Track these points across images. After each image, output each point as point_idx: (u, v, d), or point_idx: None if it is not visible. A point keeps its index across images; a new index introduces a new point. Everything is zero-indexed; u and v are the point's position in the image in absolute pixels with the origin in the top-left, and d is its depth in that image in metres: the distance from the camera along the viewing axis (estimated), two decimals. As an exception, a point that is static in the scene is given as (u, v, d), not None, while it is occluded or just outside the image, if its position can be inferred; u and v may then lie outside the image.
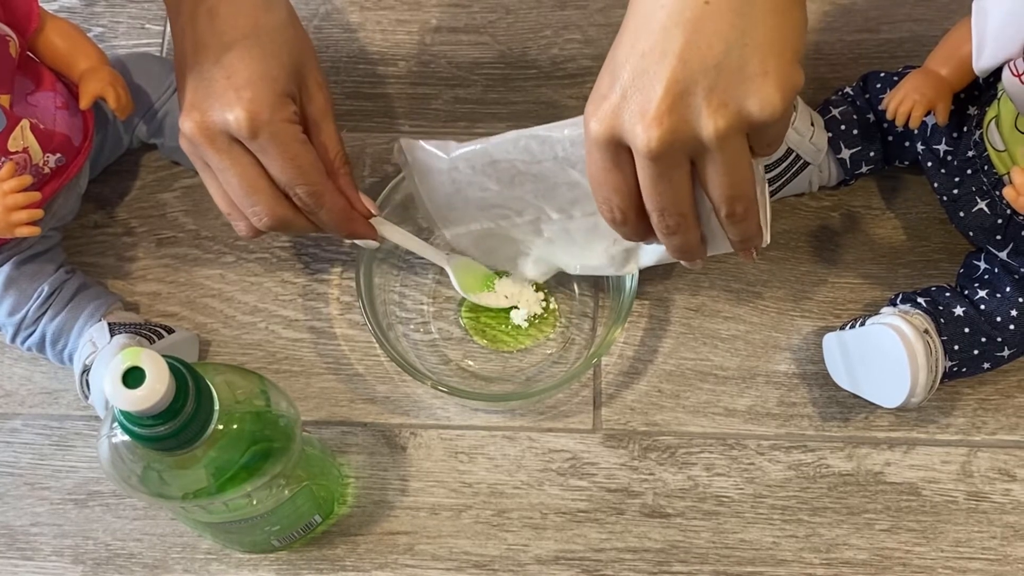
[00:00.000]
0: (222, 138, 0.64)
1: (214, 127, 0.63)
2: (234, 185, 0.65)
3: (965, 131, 0.73)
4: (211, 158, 0.64)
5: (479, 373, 0.77)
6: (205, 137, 0.64)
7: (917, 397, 0.70)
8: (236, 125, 0.63)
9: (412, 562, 0.72)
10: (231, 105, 0.63)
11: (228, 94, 0.63)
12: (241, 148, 0.64)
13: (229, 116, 0.63)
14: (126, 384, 0.50)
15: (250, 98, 0.63)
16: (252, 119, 0.63)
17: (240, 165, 0.65)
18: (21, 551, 0.73)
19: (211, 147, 0.64)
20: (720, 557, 0.72)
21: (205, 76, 0.64)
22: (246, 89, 0.63)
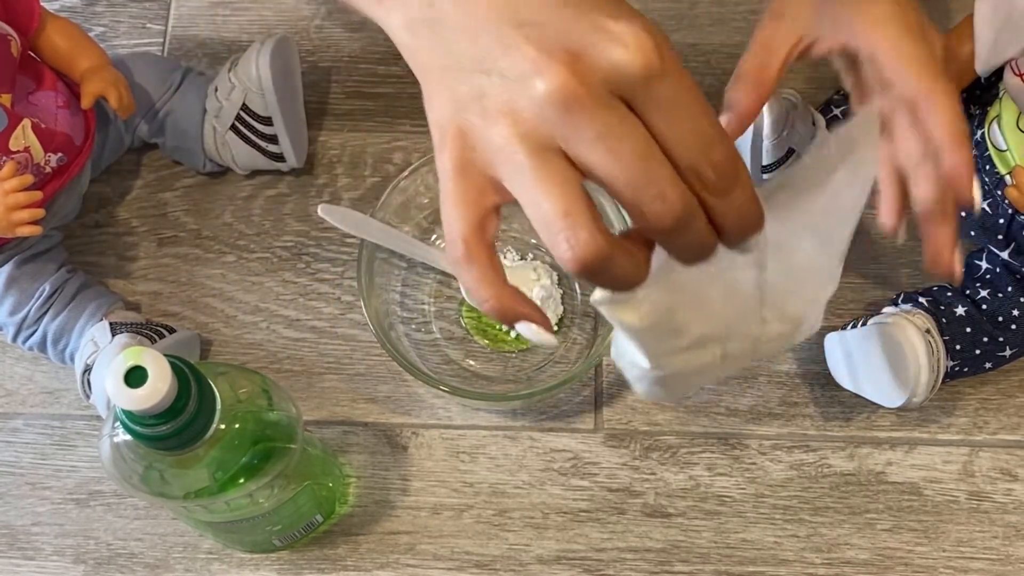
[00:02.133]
0: (605, 93, 0.41)
1: (595, 74, 0.41)
2: (625, 159, 0.41)
3: (967, 131, 0.73)
4: (586, 123, 0.41)
5: (481, 373, 0.77)
6: (583, 91, 0.41)
7: (919, 397, 0.70)
8: (634, 60, 0.41)
9: (413, 562, 0.72)
10: (615, 37, 0.41)
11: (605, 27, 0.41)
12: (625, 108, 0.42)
13: (620, 53, 0.41)
14: (128, 383, 0.50)
15: (640, 27, 0.42)
16: (658, 50, 0.41)
17: (632, 126, 0.41)
18: (22, 551, 0.73)
19: (590, 108, 0.41)
20: (722, 557, 0.72)
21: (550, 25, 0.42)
22: (625, 19, 0.42)
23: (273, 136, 0.77)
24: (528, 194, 0.42)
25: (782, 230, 0.50)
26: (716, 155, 0.41)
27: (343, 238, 0.80)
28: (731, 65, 0.84)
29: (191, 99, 0.78)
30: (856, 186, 0.51)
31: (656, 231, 0.42)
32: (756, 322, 0.56)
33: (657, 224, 0.42)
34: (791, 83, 0.82)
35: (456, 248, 0.44)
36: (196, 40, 0.87)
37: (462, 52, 0.44)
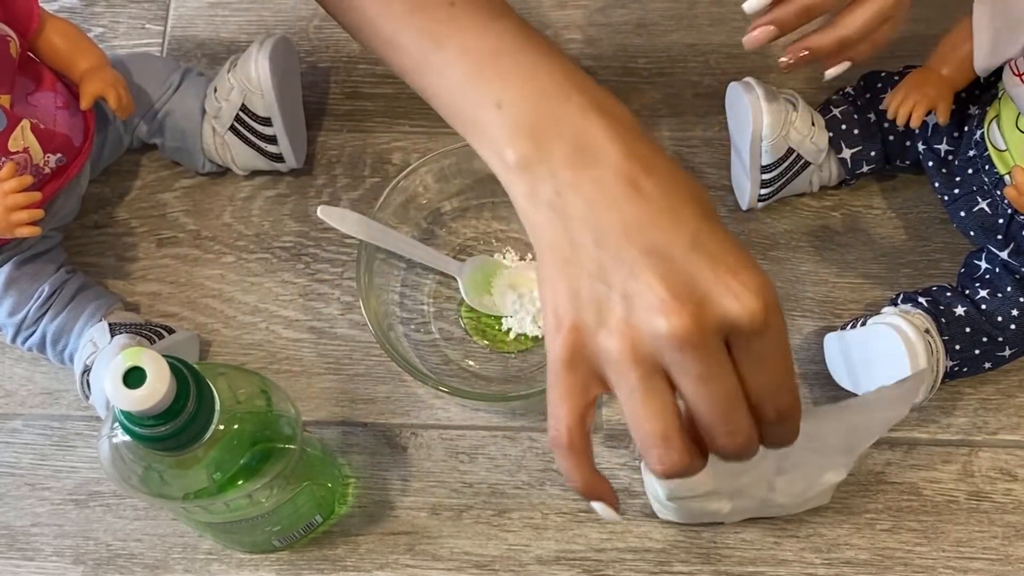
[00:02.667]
0: (717, 339, 0.48)
1: (712, 323, 0.47)
2: (717, 399, 0.48)
3: (966, 130, 0.73)
4: (696, 364, 0.47)
5: (480, 373, 0.76)
6: (702, 336, 0.47)
7: (919, 397, 0.70)
8: (751, 318, 0.47)
9: (413, 562, 0.72)
10: (736, 294, 0.47)
11: (727, 282, 0.48)
12: (726, 353, 0.49)
13: (736, 307, 0.47)
14: (127, 384, 0.50)
15: (756, 285, 0.48)
16: (767, 309, 0.48)
17: (729, 373, 0.48)
18: (22, 551, 0.73)
19: (702, 350, 0.47)
20: (721, 557, 0.72)
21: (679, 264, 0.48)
22: (746, 273, 0.48)
23: (272, 136, 0.77)
24: (633, 409, 0.48)
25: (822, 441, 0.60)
26: (782, 400, 0.50)
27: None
28: (731, 65, 0.85)
29: (190, 100, 0.78)
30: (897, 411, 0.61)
31: (719, 453, 0.50)
32: (766, 489, 0.65)
33: (722, 450, 0.50)
34: (791, 83, 0.82)
35: (560, 436, 0.50)
36: (195, 41, 0.87)
37: (586, 253, 0.49)
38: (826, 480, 0.67)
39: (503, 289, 0.77)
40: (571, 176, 0.50)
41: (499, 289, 0.77)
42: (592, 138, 0.50)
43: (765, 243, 0.79)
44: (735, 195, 0.80)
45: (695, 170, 0.82)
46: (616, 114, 0.51)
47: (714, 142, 0.82)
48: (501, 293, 0.77)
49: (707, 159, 0.82)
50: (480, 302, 0.77)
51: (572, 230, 0.50)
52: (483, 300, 0.77)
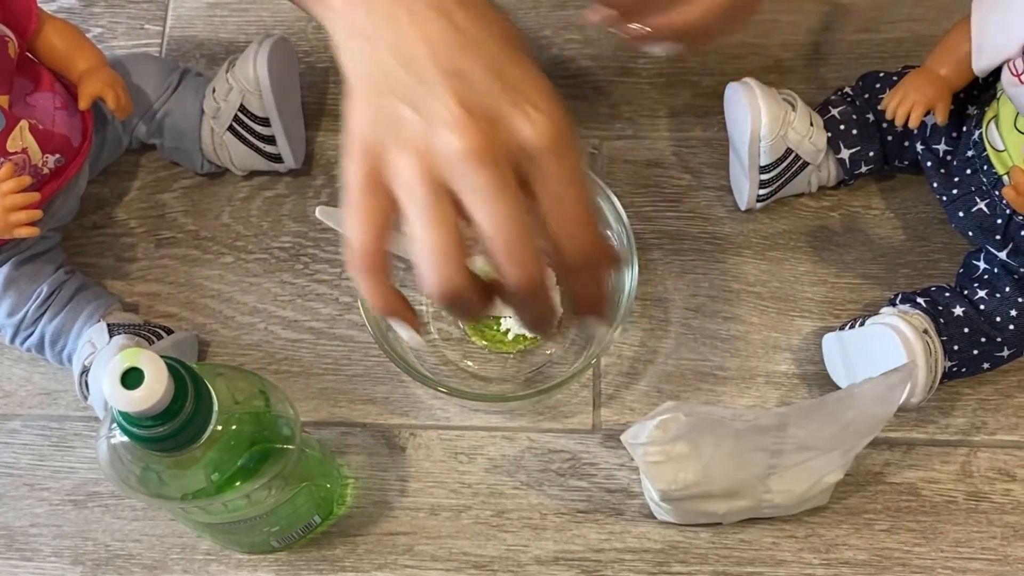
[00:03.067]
0: (507, 161, 0.48)
1: (503, 143, 0.48)
2: (499, 218, 0.48)
3: (964, 131, 0.73)
4: (484, 181, 0.48)
5: (478, 373, 0.76)
6: (491, 154, 0.48)
7: (917, 397, 0.70)
8: (540, 139, 0.48)
9: (411, 563, 0.72)
10: (531, 118, 0.48)
11: (523, 107, 0.49)
12: (515, 176, 0.49)
13: (528, 129, 0.48)
14: (125, 385, 0.50)
15: (550, 111, 0.49)
16: (559, 134, 0.49)
17: (516, 196, 0.48)
18: (20, 552, 0.73)
19: (492, 167, 0.48)
20: (720, 557, 0.72)
21: (478, 86, 0.49)
22: (542, 102, 0.49)
23: (271, 137, 0.77)
24: (417, 224, 0.49)
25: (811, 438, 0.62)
26: (580, 235, 0.49)
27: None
28: (729, 66, 0.85)
29: (189, 100, 0.78)
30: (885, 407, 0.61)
31: (509, 290, 0.49)
32: (761, 490, 0.66)
33: (510, 284, 0.49)
34: (790, 83, 0.82)
35: (358, 258, 0.50)
36: (194, 41, 0.87)
37: (395, 78, 0.49)
38: (824, 481, 0.67)
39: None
40: (386, 7, 0.51)
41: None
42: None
43: (764, 243, 0.79)
44: (734, 195, 0.80)
45: (695, 170, 0.82)
46: None
47: (713, 142, 0.82)
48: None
49: (706, 159, 0.82)
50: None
51: (382, 58, 0.50)
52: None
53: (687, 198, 0.81)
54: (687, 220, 0.80)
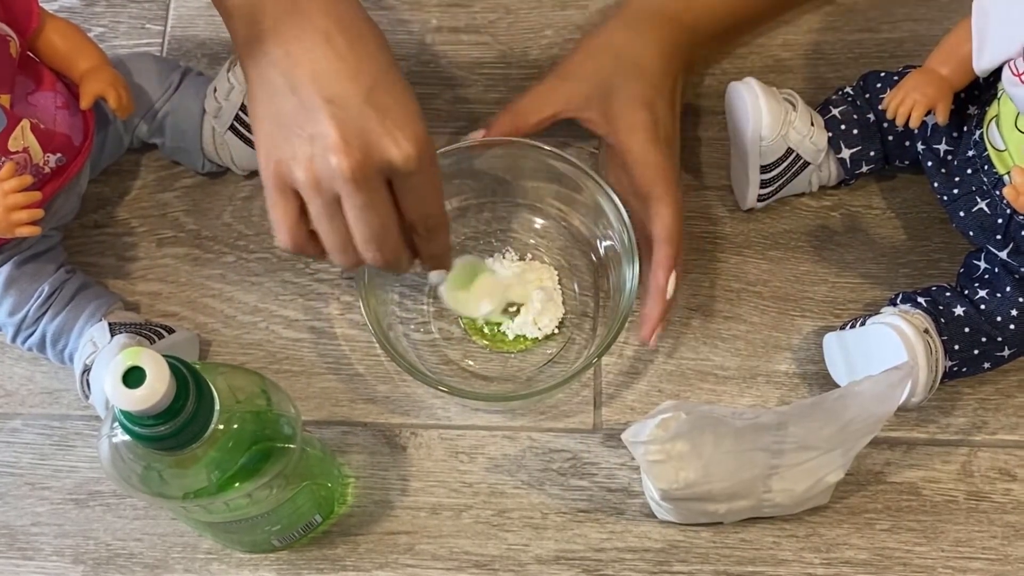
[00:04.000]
0: (378, 178, 0.61)
1: (374, 165, 0.60)
2: (371, 226, 0.62)
3: (965, 130, 0.73)
4: (356, 197, 0.61)
5: (479, 373, 0.77)
6: (364, 175, 0.60)
7: (917, 397, 0.70)
8: (405, 162, 0.61)
9: (412, 562, 0.72)
10: (397, 142, 0.60)
11: (391, 132, 0.60)
12: (387, 188, 0.62)
13: (395, 153, 0.60)
14: (127, 384, 0.50)
15: (414, 135, 0.61)
16: (420, 156, 0.61)
17: (384, 205, 0.62)
18: (22, 551, 0.73)
19: (364, 186, 0.61)
20: (720, 557, 0.72)
21: (353, 113, 0.60)
22: (407, 126, 0.61)
23: (272, 136, 0.77)
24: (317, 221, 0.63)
25: (811, 437, 0.63)
26: (430, 220, 0.65)
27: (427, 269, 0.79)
28: (730, 65, 0.85)
29: (190, 99, 0.78)
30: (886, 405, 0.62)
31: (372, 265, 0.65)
32: (761, 490, 0.67)
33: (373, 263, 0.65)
34: (791, 83, 0.82)
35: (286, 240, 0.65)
36: (195, 40, 0.87)
37: (285, 98, 0.61)
38: (824, 480, 0.67)
39: (481, 292, 0.75)
40: (273, 27, 0.62)
41: (477, 291, 0.75)
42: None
43: (765, 243, 0.79)
44: (735, 195, 0.80)
45: (696, 170, 0.82)
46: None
47: (714, 142, 0.82)
48: (478, 295, 0.75)
49: (706, 159, 0.82)
50: (454, 297, 0.75)
51: (273, 75, 0.62)
52: (457, 296, 0.75)
53: (688, 198, 0.81)
54: (688, 219, 0.80)
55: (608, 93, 0.74)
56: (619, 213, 0.72)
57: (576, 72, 0.76)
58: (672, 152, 0.75)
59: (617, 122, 0.73)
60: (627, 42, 0.75)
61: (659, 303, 0.72)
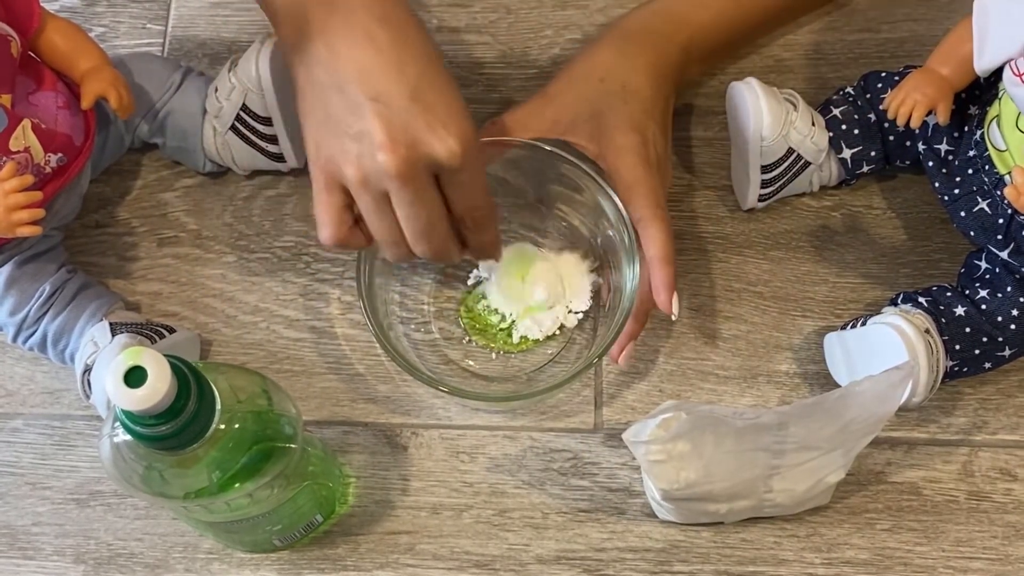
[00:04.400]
0: (424, 173, 0.62)
1: (420, 162, 0.61)
2: (420, 220, 0.63)
3: (966, 130, 0.73)
4: (404, 193, 0.62)
5: (480, 373, 0.77)
6: (411, 172, 0.61)
7: (918, 397, 0.70)
8: (450, 158, 0.61)
9: (413, 562, 0.72)
10: (442, 139, 0.61)
11: (436, 129, 0.61)
12: (434, 183, 0.63)
13: (441, 150, 0.61)
14: (128, 384, 0.50)
15: (459, 132, 0.61)
16: (465, 153, 0.62)
17: (431, 200, 0.63)
18: (23, 551, 0.73)
19: (411, 182, 0.61)
20: (721, 556, 0.72)
21: (398, 110, 0.61)
22: (452, 122, 0.61)
23: (273, 136, 0.78)
24: (366, 215, 0.64)
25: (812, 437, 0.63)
26: (477, 213, 0.66)
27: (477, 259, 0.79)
28: (732, 66, 0.85)
29: (191, 99, 0.78)
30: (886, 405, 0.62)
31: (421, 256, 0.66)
32: (762, 490, 0.68)
33: (422, 254, 0.66)
34: (791, 83, 0.82)
35: (330, 236, 0.66)
36: (196, 40, 0.87)
37: (332, 96, 0.62)
38: (825, 480, 0.67)
39: (536, 279, 0.76)
40: (319, 27, 0.63)
41: (532, 278, 0.77)
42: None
43: (765, 243, 0.79)
44: (735, 195, 0.80)
45: (697, 169, 0.82)
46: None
47: (714, 142, 0.82)
48: (532, 283, 0.76)
49: (707, 159, 0.82)
50: (508, 285, 0.76)
51: (319, 74, 0.63)
52: (511, 283, 0.76)
53: (688, 198, 0.81)
54: (689, 219, 0.80)
55: (596, 115, 0.73)
56: (619, 213, 0.72)
57: (562, 94, 0.75)
58: (662, 174, 0.74)
59: (606, 145, 0.73)
60: (613, 65, 0.75)
61: (632, 333, 0.72)
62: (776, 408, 0.63)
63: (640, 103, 0.74)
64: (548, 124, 0.75)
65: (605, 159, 0.73)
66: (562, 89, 0.75)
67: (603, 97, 0.74)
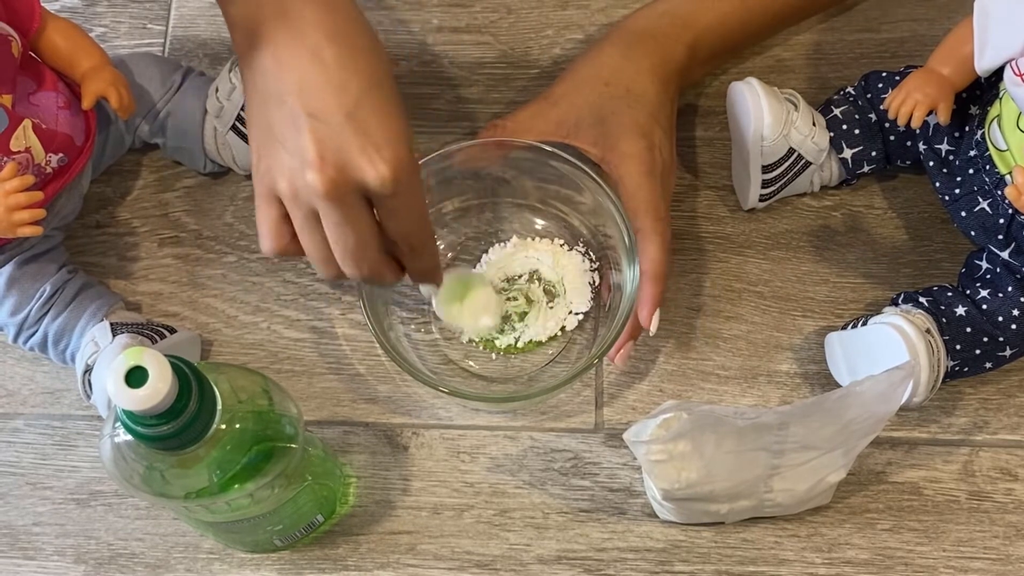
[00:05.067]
0: (354, 196, 0.60)
1: (349, 184, 0.60)
2: (348, 241, 0.62)
3: (967, 130, 0.73)
4: (332, 214, 0.61)
5: (480, 373, 0.77)
6: (337, 193, 0.60)
7: (919, 397, 0.70)
8: (380, 185, 0.59)
9: (414, 562, 0.72)
10: (374, 164, 0.59)
11: (368, 152, 0.59)
12: (366, 205, 0.61)
13: (371, 175, 0.59)
14: (129, 384, 0.50)
15: (393, 157, 0.60)
16: (396, 179, 0.60)
17: (361, 222, 0.62)
18: (23, 551, 0.73)
19: (338, 204, 0.60)
20: (722, 556, 0.72)
21: (333, 129, 0.59)
22: (386, 147, 0.60)
23: (273, 136, 0.77)
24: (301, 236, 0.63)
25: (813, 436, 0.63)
26: (413, 239, 0.64)
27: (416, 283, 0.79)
28: (732, 65, 0.85)
29: (192, 100, 0.78)
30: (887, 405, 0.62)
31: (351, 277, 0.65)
32: (763, 490, 0.68)
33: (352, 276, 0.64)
34: (792, 83, 0.82)
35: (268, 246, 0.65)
36: (197, 40, 0.87)
37: (273, 106, 0.61)
38: (826, 480, 0.67)
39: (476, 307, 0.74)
40: (269, 37, 0.62)
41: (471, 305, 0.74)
42: (296, 8, 0.61)
43: (766, 243, 0.79)
44: (736, 195, 0.80)
45: (697, 169, 0.82)
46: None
47: (715, 142, 0.82)
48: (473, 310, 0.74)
49: (708, 159, 0.82)
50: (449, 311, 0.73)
51: (264, 84, 0.62)
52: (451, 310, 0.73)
53: (689, 197, 0.81)
54: (689, 219, 0.80)
55: (601, 120, 0.73)
56: (620, 214, 0.72)
57: (566, 97, 0.75)
58: (667, 182, 0.74)
59: (611, 149, 0.73)
60: (618, 68, 0.75)
61: (631, 333, 0.72)
62: (777, 408, 0.63)
63: (645, 107, 0.74)
64: (552, 127, 0.74)
65: (609, 164, 0.73)
66: (566, 92, 0.75)
67: (608, 102, 0.74)
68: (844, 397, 0.61)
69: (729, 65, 0.84)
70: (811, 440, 0.63)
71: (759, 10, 0.80)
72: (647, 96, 0.74)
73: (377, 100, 0.61)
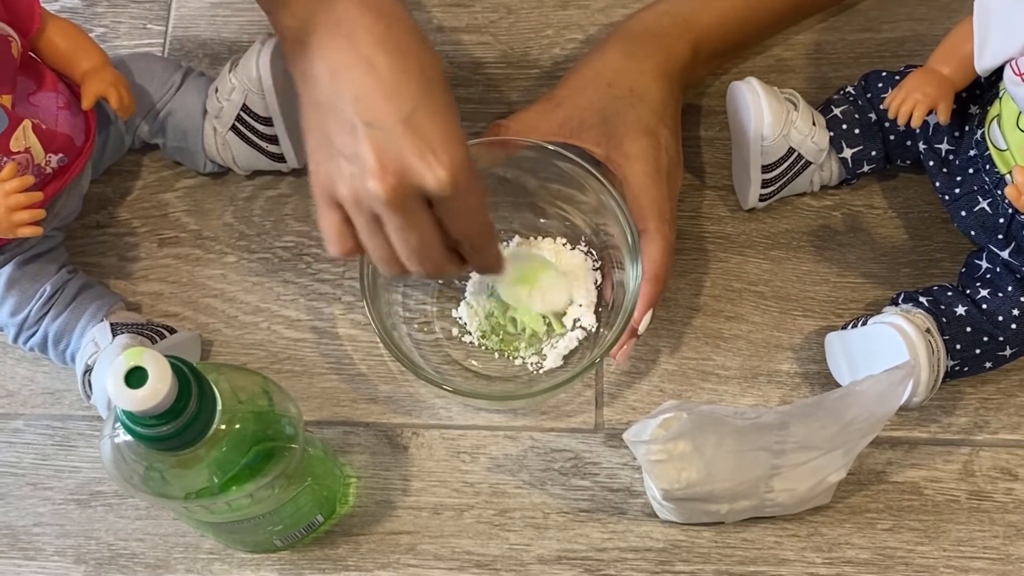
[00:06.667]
0: (415, 200, 0.61)
1: (410, 190, 0.61)
2: (411, 244, 0.63)
3: (967, 130, 0.73)
4: (394, 219, 0.62)
5: (482, 373, 0.77)
6: (398, 199, 0.61)
7: (919, 396, 0.70)
8: (439, 187, 0.60)
9: (414, 562, 0.72)
10: (432, 168, 0.60)
11: (427, 157, 0.60)
12: (426, 207, 0.62)
13: (431, 179, 0.60)
14: (129, 384, 0.50)
15: (450, 160, 0.60)
16: (455, 182, 0.61)
17: (423, 225, 0.63)
18: (24, 551, 0.73)
19: (400, 209, 0.61)
20: (722, 556, 0.72)
21: (391, 136, 0.60)
22: (443, 151, 0.60)
23: (273, 136, 0.78)
24: (361, 234, 0.64)
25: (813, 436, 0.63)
26: (475, 238, 0.66)
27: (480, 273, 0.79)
28: (732, 64, 0.85)
29: (192, 100, 0.78)
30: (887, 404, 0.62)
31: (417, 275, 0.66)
32: (763, 490, 0.68)
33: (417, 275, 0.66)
34: (792, 82, 0.82)
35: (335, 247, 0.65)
36: (196, 41, 0.87)
37: (331, 116, 0.62)
38: (826, 480, 0.67)
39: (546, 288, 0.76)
40: (321, 48, 0.62)
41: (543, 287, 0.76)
42: (347, 17, 0.62)
43: (766, 243, 0.79)
44: (736, 194, 0.80)
45: (697, 169, 0.82)
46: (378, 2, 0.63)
47: (715, 142, 0.82)
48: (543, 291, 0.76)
49: (708, 159, 0.82)
50: (514, 293, 0.76)
51: (319, 94, 0.63)
52: (518, 291, 0.76)
53: (689, 197, 0.81)
54: (690, 219, 0.80)
55: (605, 120, 0.73)
56: (623, 212, 0.72)
57: (570, 98, 0.75)
58: (673, 182, 0.74)
59: (615, 149, 0.73)
60: (621, 68, 0.75)
61: (628, 335, 0.72)
62: (777, 408, 0.63)
63: (649, 106, 0.74)
64: (555, 128, 0.74)
65: (615, 164, 0.73)
66: (570, 93, 0.75)
67: (611, 102, 0.74)
68: (844, 397, 0.61)
69: (730, 65, 0.84)
70: (811, 440, 0.63)
71: (760, 9, 0.80)
72: (651, 96, 0.74)
73: (431, 103, 0.61)
